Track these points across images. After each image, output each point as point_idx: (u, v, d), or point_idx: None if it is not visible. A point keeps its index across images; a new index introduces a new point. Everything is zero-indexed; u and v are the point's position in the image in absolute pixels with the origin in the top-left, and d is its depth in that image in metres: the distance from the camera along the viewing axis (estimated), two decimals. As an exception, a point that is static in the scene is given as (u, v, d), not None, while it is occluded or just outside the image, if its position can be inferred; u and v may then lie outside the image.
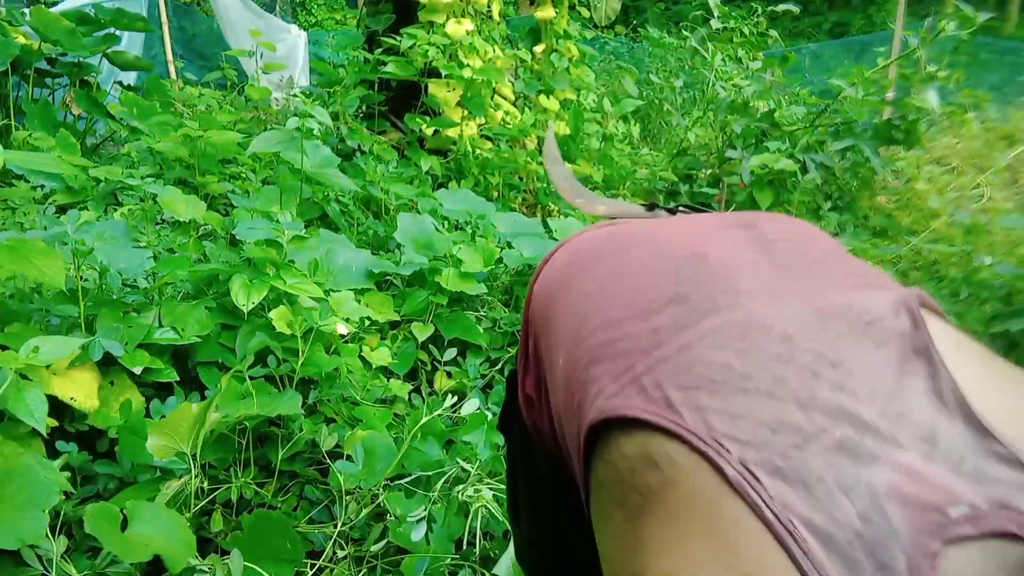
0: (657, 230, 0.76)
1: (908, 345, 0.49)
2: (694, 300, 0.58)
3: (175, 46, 7.17)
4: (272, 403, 1.63)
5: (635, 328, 0.59)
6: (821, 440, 0.44)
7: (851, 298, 0.54)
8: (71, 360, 1.62)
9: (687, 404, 0.50)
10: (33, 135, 3.05)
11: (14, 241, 1.57)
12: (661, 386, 0.52)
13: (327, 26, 13.20)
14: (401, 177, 3.40)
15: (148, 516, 1.31)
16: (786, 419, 0.46)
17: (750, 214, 0.78)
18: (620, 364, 0.57)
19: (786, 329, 0.52)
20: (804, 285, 0.58)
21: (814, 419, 0.46)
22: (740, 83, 4.29)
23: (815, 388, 0.47)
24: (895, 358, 0.49)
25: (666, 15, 14.82)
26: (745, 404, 0.48)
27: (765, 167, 3.64)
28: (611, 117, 4.57)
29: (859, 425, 0.45)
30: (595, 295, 0.68)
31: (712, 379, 0.51)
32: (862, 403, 0.46)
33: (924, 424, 0.45)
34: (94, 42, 3.80)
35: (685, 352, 0.54)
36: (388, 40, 3.87)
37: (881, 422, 0.45)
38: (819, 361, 0.49)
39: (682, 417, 0.49)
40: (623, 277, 0.68)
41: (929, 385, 0.47)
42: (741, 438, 0.46)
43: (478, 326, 2.36)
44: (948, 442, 0.43)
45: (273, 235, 2.06)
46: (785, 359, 0.50)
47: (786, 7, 4.31)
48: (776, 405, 0.47)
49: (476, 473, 1.57)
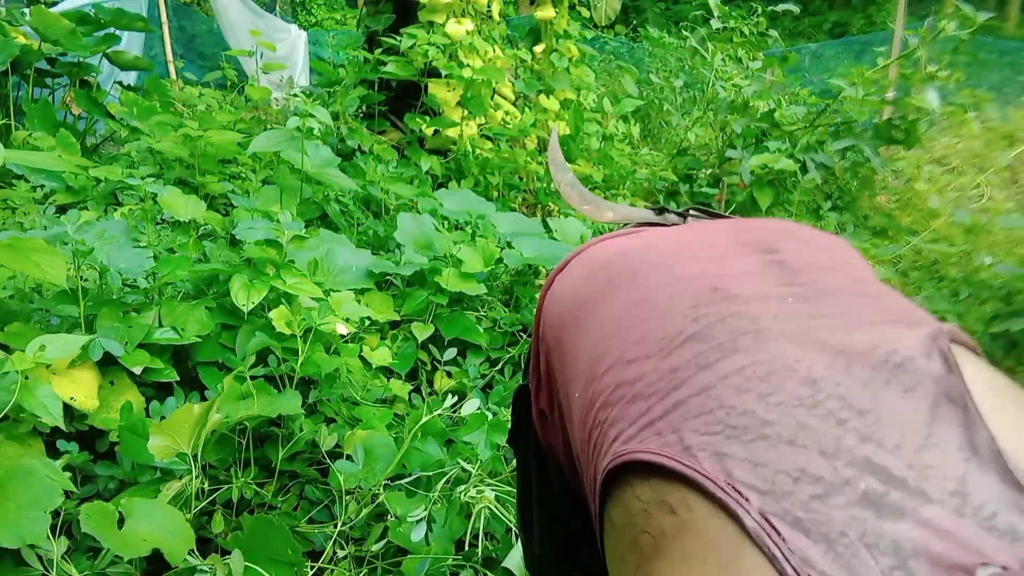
0: (671, 252, 0.72)
1: (941, 390, 0.47)
2: (714, 339, 0.55)
3: (175, 46, 7.17)
4: (272, 403, 1.63)
5: (652, 367, 0.57)
6: (845, 492, 0.42)
7: (879, 337, 0.52)
8: (71, 360, 1.62)
9: (706, 449, 0.48)
10: (33, 135, 3.06)
11: (15, 240, 1.57)
12: (679, 430, 0.51)
13: (327, 26, 13.19)
14: (401, 177, 3.40)
15: (144, 512, 1.31)
16: (809, 468, 0.44)
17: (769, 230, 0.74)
18: (638, 407, 0.55)
19: (810, 371, 0.50)
20: (829, 322, 0.55)
21: (838, 469, 0.43)
22: (740, 83, 4.29)
23: (840, 436, 0.45)
24: (926, 404, 0.46)
25: (666, 15, 14.81)
26: (766, 451, 0.46)
27: (765, 167, 3.64)
28: (611, 117, 4.57)
29: (885, 477, 0.43)
30: (609, 329, 0.66)
31: (732, 424, 0.48)
32: (889, 453, 0.44)
33: (955, 476, 0.42)
34: (94, 42, 3.80)
35: (704, 394, 0.52)
36: (388, 40, 3.87)
37: (909, 474, 0.42)
38: (845, 407, 0.47)
39: (700, 463, 0.48)
40: (638, 309, 0.65)
41: (962, 434, 0.44)
42: (761, 487, 0.44)
43: (478, 326, 2.36)
44: (979, 496, 0.41)
45: (273, 235, 2.06)
46: (809, 404, 0.47)
47: (786, 7, 4.30)
48: (798, 453, 0.45)
49: (477, 473, 1.57)
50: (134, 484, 1.56)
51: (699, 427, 0.50)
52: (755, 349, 0.53)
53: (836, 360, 0.50)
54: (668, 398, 0.54)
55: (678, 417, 0.52)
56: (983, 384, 0.48)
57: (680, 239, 0.77)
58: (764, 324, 0.55)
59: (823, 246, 0.72)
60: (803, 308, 0.58)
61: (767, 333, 0.54)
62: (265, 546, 1.45)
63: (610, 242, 0.81)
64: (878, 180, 4.35)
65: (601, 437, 0.58)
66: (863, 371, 0.49)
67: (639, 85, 5.41)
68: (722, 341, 0.55)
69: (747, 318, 0.57)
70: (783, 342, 0.53)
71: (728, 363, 0.53)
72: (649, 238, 0.79)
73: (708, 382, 0.52)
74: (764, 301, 0.59)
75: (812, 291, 0.60)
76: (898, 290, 0.67)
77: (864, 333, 0.53)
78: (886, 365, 0.49)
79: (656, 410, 0.54)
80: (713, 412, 0.50)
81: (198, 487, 1.50)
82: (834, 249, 0.72)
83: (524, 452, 0.99)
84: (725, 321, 0.57)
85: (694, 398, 0.52)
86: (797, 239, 0.72)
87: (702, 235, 0.78)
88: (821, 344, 0.52)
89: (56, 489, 1.23)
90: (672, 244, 0.75)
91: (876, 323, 0.56)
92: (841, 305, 0.58)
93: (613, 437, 0.56)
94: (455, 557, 1.48)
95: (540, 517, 1.00)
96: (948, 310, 2.58)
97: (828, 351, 0.51)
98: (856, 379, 0.49)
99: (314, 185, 2.93)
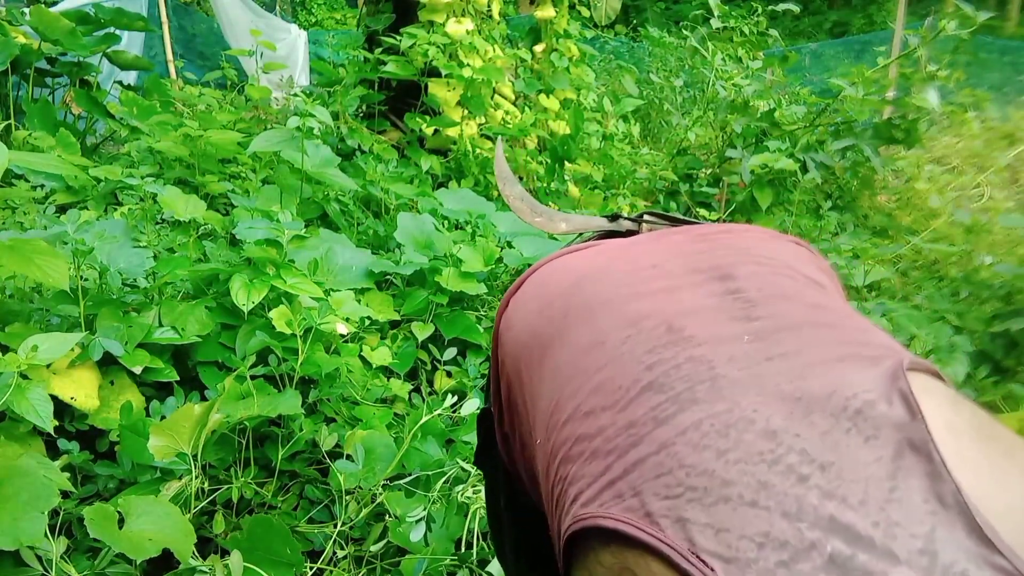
0: (624, 283, 0.70)
1: (904, 438, 0.46)
2: (671, 388, 0.54)
3: (175, 46, 7.17)
4: (272, 403, 1.63)
5: (609, 421, 0.56)
6: (811, 557, 0.41)
7: (838, 380, 0.51)
8: (71, 360, 1.62)
9: (668, 516, 0.47)
10: (33, 135, 3.05)
11: (16, 241, 1.56)
12: (640, 493, 0.49)
13: (327, 25, 13.19)
14: (401, 177, 3.40)
15: (144, 511, 1.30)
16: (772, 532, 0.43)
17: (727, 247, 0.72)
18: (597, 465, 0.54)
19: (769, 423, 0.49)
20: (786, 364, 0.54)
21: (803, 532, 0.42)
22: (740, 82, 4.29)
23: (803, 495, 0.44)
24: (888, 454, 0.45)
25: (666, 14, 14.81)
26: (728, 515, 0.45)
27: (765, 166, 3.64)
28: (611, 116, 4.57)
29: (851, 537, 0.42)
30: (566, 373, 0.64)
31: (692, 486, 0.47)
32: (854, 511, 0.43)
33: (922, 533, 0.41)
34: (94, 42, 3.80)
35: (663, 452, 0.50)
36: (388, 39, 3.87)
37: (875, 532, 0.42)
38: (806, 462, 0.46)
39: (662, 530, 0.46)
40: (593, 355, 0.63)
41: (927, 486, 0.43)
42: (726, 555, 0.43)
43: (478, 326, 2.36)
44: (948, 554, 0.40)
45: (273, 235, 2.06)
46: (770, 460, 0.46)
47: (786, 6, 4.30)
48: (761, 516, 0.44)
49: (476, 473, 1.57)
50: (134, 484, 1.56)
51: (660, 490, 0.49)
52: (712, 400, 0.52)
53: (795, 409, 0.49)
54: (627, 456, 0.52)
55: (638, 478, 0.50)
56: (944, 423, 0.47)
57: (633, 263, 0.74)
58: (720, 370, 0.54)
59: (783, 264, 0.70)
60: (760, 349, 0.56)
61: (723, 380, 0.53)
62: (265, 546, 1.45)
63: (563, 263, 0.79)
64: (878, 180, 4.35)
65: (563, 495, 0.57)
66: (822, 420, 0.48)
67: (639, 85, 5.40)
68: (679, 391, 0.54)
69: (703, 363, 0.55)
70: (740, 391, 0.52)
71: (685, 416, 0.52)
72: (602, 261, 0.77)
73: (666, 438, 0.51)
74: (719, 343, 0.57)
75: (769, 326, 0.59)
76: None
77: (821, 375, 0.52)
78: (845, 412, 0.48)
79: (616, 469, 0.52)
80: (673, 472, 0.49)
81: (198, 487, 1.50)
82: (795, 265, 0.70)
83: (492, 473, 0.98)
84: (681, 368, 0.56)
85: (653, 457, 0.51)
86: (756, 259, 0.70)
87: (656, 256, 0.75)
88: (778, 392, 0.51)
89: (53, 489, 1.23)
90: (625, 272, 0.72)
91: (834, 361, 0.54)
92: (798, 342, 0.57)
93: (573, 496, 0.55)
94: (453, 557, 1.48)
95: (510, 536, 0.99)
96: (948, 310, 2.58)
97: (786, 399, 0.50)
98: (816, 429, 0.47)
99: (314, 185, 2.92)
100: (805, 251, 0.77)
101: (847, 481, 0.44)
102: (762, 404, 0.50)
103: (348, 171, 3.08)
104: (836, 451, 0.46)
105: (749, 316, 0.60)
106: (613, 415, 0.56)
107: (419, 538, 1.45)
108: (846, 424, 0.47)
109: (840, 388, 0.50)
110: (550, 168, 3.91)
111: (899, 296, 2.93)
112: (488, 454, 0.93)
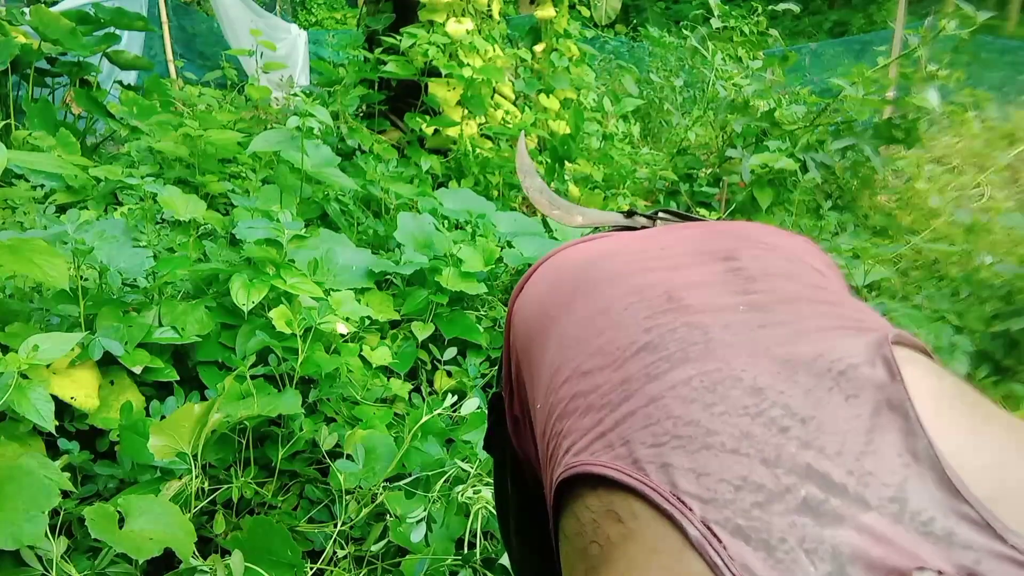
0: (632, 261, 0.73)
1: (883, 397, 0.48)
2: (664, 349, 0.56)
3: (175, 45, 7.17)
4: (272, 403, 1.63)
5: (605, 379, 0.58)
6: (785, 499, 0.43)
7: (825, 345, 0.53)
8: (71, 359, 1.62)
9: (653, 462, 0.49)
10: (33, 134, 3.05)
11: (16, 241, 1.56)
12: (628, 443, 0.52)
13: (327, 25, 13.20)
14: (401, 176, 3.40)
15: (144, 510, 1.30)
16: (751, 477, 0.45)
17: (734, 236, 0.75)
18: (590, 419, 0.56)
19: (756, 381, 0.51)
20: (778, 331, 0.56)
21: (779, 477, 0.44)
22: (740, 82, 4.29)
23: (782, 445, 0.46)
24: (867, 411, 0.47)
25: (666, 14, 14.81)
26: (709, 460, 0.47)
27: (765, 166, 3.64)
28: (611, 116, 4.57)
29: (826, 484, 0.44)
30: (568, 340, 0.67)
31: (678, 435, 0.49)
32: (830, 460, 0.45)
33: (894, 482, 0.43)
34: (94, 41, 3.80)
35: (653, 405, 0.53)
36: (388, 39, 3.87)
37: (849, 480, 0.43)
38: (787, 415, 0.48)
39: (647, 475, 0.49)
40: (596, 321, 0.66)
41: (902, 441, 0.45)
42: (704, 496, 0.45)
43: (478, 325, 2.36)
44: (917, 502, 0.42)
45: (273, 234, 2.06)
46: (753, 413, 0.48)
47: (786, 6, 4.30)
48: (741, 462, 0.46)
49: (476, 473, 1.57)
50: (134, 484, 1.56)
51: (647, 439, 0.51)
52: (704, 359, 0.54)
53: (782, 369, 0.51)
54: (618, 410, 0.54)
55: (627, 428, 0.53)
56: (926, 390, 0.49)
57: (643, 246, 0.77)
58: (714, 335, 0.56)
59: (788, 252, 0.72)
60: (754, 317, 0.58)
61: (716, 343, 0.55)
62: (265, 546, 1.45)
63: (577, 249, 0.82)
64: (878, 179, 4.35)
65: (557, 448, 0.59)
66: (807, 379, 0.50)
67: (639, 84, 5.40)
68: (672, 352, 0.56)
69: (698, 328, 0.57)
70: (731, 353, 0.54)
71: (677, 373, 0.54)
72: (613, 245, 0.79)
73: (657, 392, 0.53)
74: (716, 311, 0.59)
75: (766, 299, 0.61)
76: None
77: (811, 342, 0.54)
78: (829, 373, 0.50)
79: (607, 422, 0.55)
80: (660, 423, 0.51)
81: (198, 487, 1.50)
82: (799, 255, 0.72)
83: (500, 459, 0.99)
84: (676, 331, 0.58)
85: (643, 409, 0.53)
86: (761, 245, 0.72)
87: (666, 241, 0.78)
88: (768, 353, 0.53)
89: (53, 489, 1.23)
90: (635, 252, 0.75)
91: (825, 330, 0.56)
92: (793, 313, 0.59)
93: (566, 449, 0.57)
94: (455, 557, 1.48)
95: (516, 518, 1.00)
96: (948, 309, 2.58)
97: (775, 360, 0.52)
98: (800, 387, 0.50)
99: (314, 185, 2.92)
100: (812, 247, 0.79)
101: (826, 434, 0.46)
102: (751, 365, 0.52)
103: (348, 171, 3.08)
104: (817, 407, 0.48)
105: (747, 290, 0.62)
106: (609, 373, 0.58)
107: (420, 538, 1.45)
108: (829, 383, 0.49)
109: (827, 352, 0.52)
110: (550, 168, 3.91)
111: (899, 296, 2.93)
112: (498, 438, 0.95)
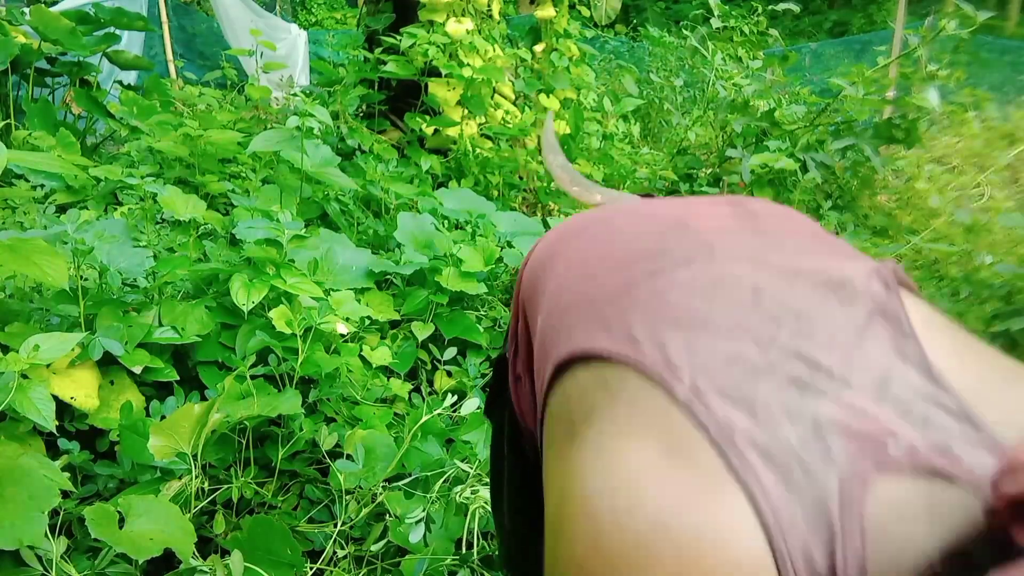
0: (645, 204, 0.77)
1: (877, 306, 0.50)
2: (670, 255, 0.59)
3: (175, 45, 7.17)
4: (272, 403, 1.63)
5: (610, 280, 0.60)
6: (774, 374, 0.46)
7: (826, 264, 0.55)
8: (71, 359, 1.62)
9: (649, 339, 0.51)
10: (33, 134, 3.05)
11: (16, 241, 1.56)
12: (627, 325, 0.53)
13: (327, 25, 13.19)
14: (401, 176, 3.40)
15: (143, 510, 1.30)
16: (742, 354, 0.47)
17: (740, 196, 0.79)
18: (591, 310, 0.58)
19: (756, 282, 0.53)
20: (782, 252, 0.59)
21: (769, 356, 0.47)
22: (740, 82, 4.28)
23: (775, 332, 0.48)
24: (862, 316, 0.49)
25: (666, 14, 14.80)
26: (704, 339, 0.49)
27: (765, 166, 3.63)
28: (611, 116, 4.57)
29: (813, 365, 0.46)
30: (576, 259, 0.69)
31: (676, 318, 0.52)
32: (819, 349, 0.47)
33: (878, 371, 0.45)
34: (94, 41, 3.80)
35: (655, 296, 0.55)
36: (388, 39, 3.86)
37: (836, 365, 0.46)
38: (783, 310, 0.50)
39: (641, 351, 0.50)
40: (605, 241, 0.69)
41: (893, 343, 0.47)
42: (695, 365, 0.47)
43: (478, 325, 2.36)
44: (899, 389, 0.44)
45: (273, 234, 2.06)
46: (750, 307, 0.51)
47: (786, 6, 4.29)
48: (734, 343, 0.48)
49: (475, 473, 1.57)
50: (134, 484, 1.56)
51: (646, 321, 0.53)
52: (707, 263, 0.57)
53: (782, 277, 0.54)
54: (620, 300, 0.57)
55: (627, 313, 0.55)
56: (920, 315, 0.50)
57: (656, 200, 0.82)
58: (719, 247, 0.59)
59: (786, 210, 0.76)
60: (760, 242, 0.61)
61: (720, 253, 0.58)
62: (265, 546, 1.45)
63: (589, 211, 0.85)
64: (878, 179, 4.34)
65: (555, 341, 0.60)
66: (806, 285, 0.52)
67: (639, 84, 5.40)
68: (676, 257, 0.58)
69: (705, 243, 0.60)
70: (734, 260, 0.57)
71: (681, 272, 0.56)
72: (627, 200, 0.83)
73: (660, 287, 0.56)
74: (723, 233, 0.62)
75: (770, 228, 0.64)
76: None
77: (812, 260, 0.57)
78: (828, 283, 0.52)
79: (608, 311, 0.57)
80: (660, 310, 0.53)
81: (198, 487, 1.50)
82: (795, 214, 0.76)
83: (500, 423, 0.99)
84: (683, 244, 0.60)
85: (644, 300, 0.55)
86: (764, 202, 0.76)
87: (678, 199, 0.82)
88: (770, 265, 0.56)
89: (54, 489, 1.23)
90: (647, 202, 0.80)
91: (826, 254, 0.59)
92: (797, 244, 0.62)
93: (565, 338, 0.59)
94: (453, 557, 1.48)
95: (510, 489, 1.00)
96: (948, 309, 2.58)
97: (776, 269, 0.55)
98: (798, 290, 0.52)
99: (314, 184, 2.92)
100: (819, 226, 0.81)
101: (818, 328, 0.49)
102: (753, 271, 0.55)
103: (348, 171, 3.08)
104: (813, 307, 0.50)
105: (754, 223, 0.65)
106: (614, 276, 0.61)
107: (419, 539, 1.45)
108: (826, 291, 0.52)
109: (827, 269, 0.54)
110: (550, 168, 3.90)
111: (899, 296, 2.91)
112: (498, 401, 0.96)
